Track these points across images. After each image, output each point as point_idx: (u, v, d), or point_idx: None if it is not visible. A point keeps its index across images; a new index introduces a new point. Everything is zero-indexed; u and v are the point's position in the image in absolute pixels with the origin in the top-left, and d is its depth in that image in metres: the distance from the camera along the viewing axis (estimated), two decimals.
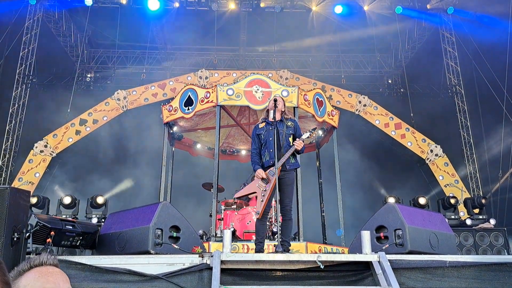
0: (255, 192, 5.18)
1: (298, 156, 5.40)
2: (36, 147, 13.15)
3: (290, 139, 5.28)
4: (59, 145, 13.34)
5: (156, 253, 4.04)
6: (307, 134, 5.32)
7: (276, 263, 3.66)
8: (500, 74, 12.63)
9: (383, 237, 4.39)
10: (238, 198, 8.08)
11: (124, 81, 15.68)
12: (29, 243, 3.48)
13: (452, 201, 9.73)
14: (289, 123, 5.35)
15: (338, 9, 14.63)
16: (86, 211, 9.36)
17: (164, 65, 16.44)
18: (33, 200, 9.09)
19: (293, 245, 6.73)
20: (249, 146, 11.24)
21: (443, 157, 13.87)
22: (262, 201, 4.99)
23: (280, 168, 5.02)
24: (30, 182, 12.71)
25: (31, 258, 1.49)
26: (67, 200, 9.20)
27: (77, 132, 13.56)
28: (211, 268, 3.58)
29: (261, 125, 5.43)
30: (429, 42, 16.13)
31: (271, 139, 5.15)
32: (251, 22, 15.80)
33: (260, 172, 5.11)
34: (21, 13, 14.21)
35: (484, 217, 9.67)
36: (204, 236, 8.55)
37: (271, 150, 5.10)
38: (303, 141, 5.17)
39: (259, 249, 4.94)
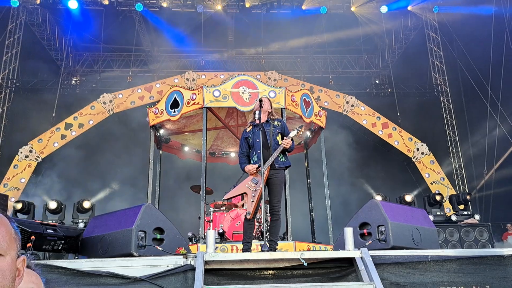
0: (245, 193, 5.16)
1: (287, 155, 5.37)
2: (21, 152, 13.01)
3: (278, 138, 5.25)
4: (45, 150, 13.20)
5: (140, 256, 4.01)
6: (294, 132, 5.28)
7: (260, 261, 3.65)
8: (484, 73, 12.81)
9: (366, 234, 4.42)
10: (228, 199, 8.04)
11: (110, 85, 15.58)
12: None
13: (438, 198, 9.85)
14: (276, 123, 5.32)
15: (324, 9, 14.72)
16: (73, 216, 9.28)
17: (151, 68, 16.37)
18: (18, 205, 8.98)
19: (282, 244, 6.74)
20: (237, 149, 11.20)
21: (429, 155, 14.00)
22: (252, 201, 4.98)
23: (269, 167, 5.01)
24: (15, 188, 12.56)
25: None
26: (52, 205, 9.10)
27: (63, 137, 13.42)
28: (195, 269, 3.56)
29: (248, 129, 5.40)
30: (415, 42, 16.30)
31: (258, 140, 5.12)
32: (238, 24, 15.81)
33: (251, 167, 5.07)
34: (4, 16, 14.05)
35: (469, 213, 9.79)
36: (193, 239, 8.51)
37: (258, 151, 5.08)
38: (291, 140, 5.15)
39: (246, 249, 4.92)
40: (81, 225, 8.76)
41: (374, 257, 3.52)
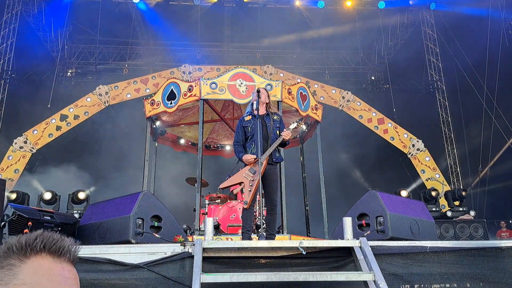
0: (242, 183, 5.13)
1: (282, 150, 5.40)
2: (16, 143, 12.89)
3: (278, 132, 5.27)
4: (39, 141, 13.10)
5: (137, 243, 3.98)
6: (294, 125, 5.30)
7: (258, 250, 3.64)
8: (480, 70, 12.85)
9: (364, 224, 4.42)
10: (223, 188, 7.95)
11: (106, 77, 15.47)
12: (5, 233, 3.39)
13: (433, 193, 9.89)
14: (275, 117, 5.33)
15: (321, 3, 14.67)
16: (67, 206, 9.22)
17: (147, 61, 16.27)
18: (12, 196, 8.92)
19: (277, 237, 6.73)
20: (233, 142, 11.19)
21: (425, 152, 14.03)
22: (250, 190, 4.98)
23: (267, 159, 5.01)
24: (9, 179, 12.44)
25: (44, 234, 0.95)
26: (47, 195, 9.05)
27: (58, 128, 13.31)
28: (193, 257, 3.54)
29: (247, 118, 5.37)
30: (411, 39, 16.32)
31: (259, 131, 5.12)
32: (235, 18, 15.75)
33: (249, 157, 5.05)
34: None
35: (464, 209, 9.85)
36: (188, 231, 8.48)
37: (259, 143, 5.07)
38: (290, 132, 5.16)
39: (247, 238, 4.93)
40: (76, 216, 8.68)
41: (373, 247, 3.51)
